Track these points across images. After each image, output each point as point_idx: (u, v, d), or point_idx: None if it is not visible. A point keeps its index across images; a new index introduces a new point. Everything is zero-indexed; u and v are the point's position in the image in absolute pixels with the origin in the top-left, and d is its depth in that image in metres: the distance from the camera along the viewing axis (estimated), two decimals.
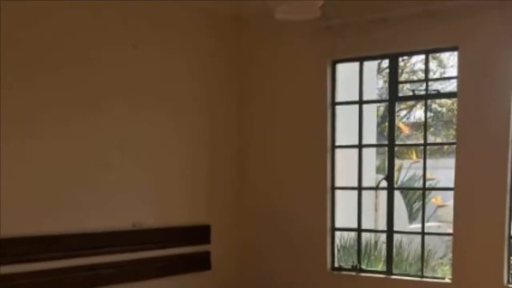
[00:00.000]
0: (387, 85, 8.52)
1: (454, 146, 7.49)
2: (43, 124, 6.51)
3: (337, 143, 8.22)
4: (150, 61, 7.63)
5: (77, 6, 6.75)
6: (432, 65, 15.80)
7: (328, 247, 8.21)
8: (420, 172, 8.61)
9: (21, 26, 6.35)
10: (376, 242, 9.72)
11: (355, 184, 8.19)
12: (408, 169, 13.00)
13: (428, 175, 8.22)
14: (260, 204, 8.72)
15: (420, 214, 9.20)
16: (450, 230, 7.62)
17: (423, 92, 8.11)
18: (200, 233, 8.28)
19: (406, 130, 14.10)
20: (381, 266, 8.78)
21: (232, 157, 8.78)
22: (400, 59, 8.55)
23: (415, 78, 15.60)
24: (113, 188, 7.24)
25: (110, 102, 7.20)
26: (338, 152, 8.26)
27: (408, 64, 16.02)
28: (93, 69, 7.02)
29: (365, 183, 8.35)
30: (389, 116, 8.05)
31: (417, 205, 13.10)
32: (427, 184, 8.38)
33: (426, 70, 8.33)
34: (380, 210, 10.16)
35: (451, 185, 7.43)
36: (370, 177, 9.63)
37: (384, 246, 8.49)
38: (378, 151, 10.94)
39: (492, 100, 7.04)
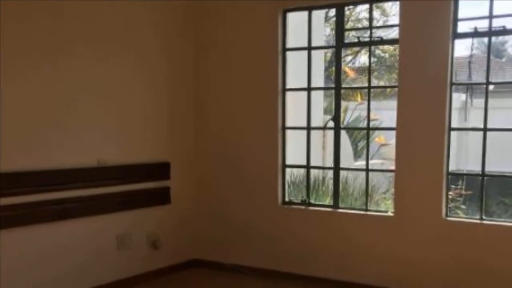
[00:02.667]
0: (334, 32, 8.58)
1: (396, 89, 7.60)
2: (16, 69, 6.50)
3: (288, 86, 8.33)
4: (114, 11, 7.63)
5: None
6: (376, 13, 15.86)
7: (279, 182, 8.37)
8: (365, 113, 8.67)
9: None
10: (323, 178, 9.87)
11: (304, 124, 8.32)
12: (353, 111, 13.04)
13: (372, 116, 8.24)
14: (217, 143, 8.81)
15: (364, 152, 9.33)
16: (393, 167, 7.80)
17: (367, 39, 8.26)
18: (161, 170, 8.38)
19: (351, 74, 14.12)
20: (328, 201, 8.94)
21: (190, 100, 8.85)
22: (346, 8, 8.59)
23: (360, 26, 15.62)
24: (79, 128, 7.28)
25: (78, 49, 7.20)
26: (289, 94, 8.37)
27: (353, 13, 15.93)
28: (62, 18, 7.01)
29: (313, 123, 8.45)
30: (336, 61, 8.14)
31: (361, 143, 13.25)
32: (371, 124, 8.41)
33: (370, 19, 8.53)
34: (327, 149, 10.33)
35: (393, 125, 7.58)
36: (318, 118, 9.69)
37: (331, 182, 8.66)
38: (326, 94, 10.98)
39: (431, 46, 7.18)
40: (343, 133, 8.96)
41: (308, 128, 8.32)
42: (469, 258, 7.06)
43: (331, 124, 8.16)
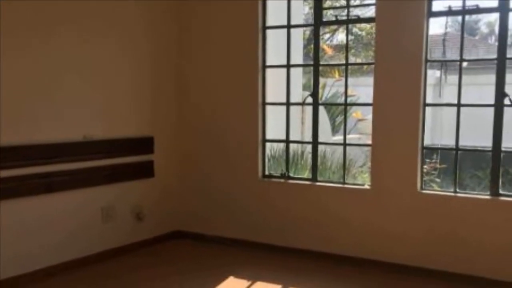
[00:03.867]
0: (312, 11, 8.64)
1: (373, 66, 7.63)
2: (5, 47, 6.48)
3: (268, 63, 8.36)
4: None
5: None
6: None
7: (259, 156, 8.43)
8: (342, 89, 8.69)
9: None
10: (302, 152, 10.00)
11: (284, 100, 8.36)
12: (331, 87, 13.11)
13: (349, 92, 8.33)
14: (199, 118, 8.86)
15: (342, 127, 9.32)
16: (369, 141, 7.85)
17: (344, 18, 8.23)
18: (145, 144, 8.43)
19: (329, 52, 14.16)
20: (307, 174, 9.00)
21: (173, 76, 8.88)
22: None
23: (337, 4, 15.61)
24: (66, 104, 7.31)
25: (65, 28, 7.22)
26: (269, 71, 8.40)
27: None
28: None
29: (292, 99, 8.55)
30: (314, 39, 8.20)
31: (339, 119, 13.30)
32: (348, 100, 8.51)
33: None
34: (306, 124, 10.42)
35: (370, 101, 7.61)
36: (297, 94, 9.80)
37: (309, 156, 8.74)
38: (304, 71, 11.03)
39: (407, 24, 7.23)
40: (321, 109, 9.01)
41: (288, 104, 8.37)
42: (443, 229, 7.14)
43: (309, 100, 8.20)
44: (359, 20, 8.84)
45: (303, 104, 8.79)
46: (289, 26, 8.25)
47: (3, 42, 6.50)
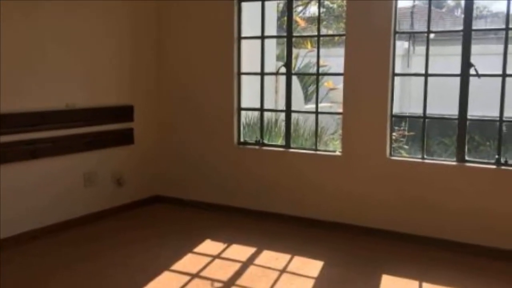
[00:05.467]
0: None
1: (344, 37, 7.66)
2: None
3: (243, 35, 8.40)
4: None
5: None
6: None
7: (235, 124, 8.50)
8: (314, 60, 8.70)
9: None
10: (276, 120, 10.01)
11: (258, 70, 8.37)
12: (304, 57, 13.14)
13: (321, 62, 8.30)
14: (177, 87, 8.91)
15: (314, 96, 9.39)
16: (340, 110, 7.90)
17: None
18: (125, 113, 8.48)
19: (302, 24, 14.13)
20: (280, 141, 9.06)
21: (152, 48, 8.91)
22: None
23: None
24: (49, 74, 7.34)
25: (47, 1, 7.23)
26: (244, 42, 8.44)
27: None
28: None
29: (266, 69, 8.51)
30: (288, 12, 8.23)
31: (311, 88, 13.34)
32: (320, 70, 8.49)
33: None
34: (279, 93, 10.42)
35: (341, 71, 7.66)
36: (271, 64, 9.78)
37: (283, 124, 8.73)
38: (278, 42, 11.00)
39: None
40: (294, 78, 9.05)
41: (262, 74, 8.38)
42: (411, 194, 7.24)
43: (283, 70, 8.22)
44: None
45: (276, 74, 8.76)
46: None
47: None
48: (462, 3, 7.39)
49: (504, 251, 6.67)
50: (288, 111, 8.24)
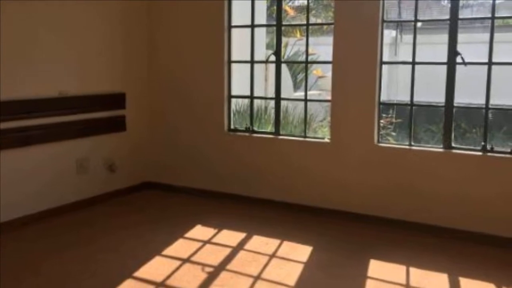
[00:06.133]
0: None
1: (332, 26, 7.64)
2: None
3: (233, 24, 8.40)
4: None
5: None
6: None
7: (225, 112, 8.49)
8: (303, 48, 8.63)
9: None
10: (266, 108, 10.03)
11: (248, 59, 8.40)
12: (293, 46, 13.12)
13: (310, 51, 8.32)
14: (168, 75, 8.90)
15: (303, 83, 9.37)
16: (329, 97, 7.90)
17: None
18: (117, 100, 8.48)
19: (291, 13, 14.05)
20: (270, 128, 9.12)
21: (144, 36, 8.90)
22: None
23: None
24: (42, 62, 7.32)
25: None
26: (234, 31, 8.44)
27: None
28: None
29: (256, 58, 8.55)
30: (277, 1, 8.22)
31: (300, 76, 13.33)
32: (309, 58, 8.49)
33: None
34: (269, 81, 10.45)
35: (330, 59, 7.65)
36: (261, 53, 9.80)
37: (272, 111, 8.72)
38: (268, 31, 11.00)
39: None
40: (283, 67, 9.05)
41: (252, 62, 8.39)
42: (399, 180, 7.26)
43: (272, 58, 8.23)
44: None
45: (266, 62, 8.80)
46: None
47: None
48: None
49: (490, 236, 6.68)
50: (278, 98, 8.24)
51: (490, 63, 6.68)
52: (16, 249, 6.41)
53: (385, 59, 7.50)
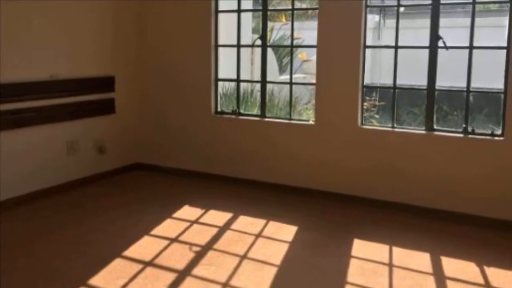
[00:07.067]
0: None
1: (317, 11, 7.62)
2: None
3: (220, 8, 8.37)
4: None
5: None
6: None
7: (212, 94, 8.48)
8: (289, 33, 8.65)
9: None
10: (252, 91, 10.03)
11: (235, 43, 8.39)
12: (278, 30, 13.04)
13: (295, 35, 8.28)
14: (157, 59, 8.87)
15: (288, 67, 9.35)
16: (314, 81, 7.89)
17: None
18: (106, 83, 8.44)
19: None
20: (256, 110, 9.11)
21: (133, 21, 8.87)
22: None
23: None
24: (34, 46, 7.29)
25: None
26: (221, 16, 8.41)
27: None
28: None
29: (243, 42, 8.52)
30: None
31: (286, 59, 13.25)
32: (295, 42, 8.45)
33: None
34: (255, 64, 10.42)
35: (315, 43, 7.66)
36: (247, 37, 9.74)
37: (258, 94, 8.77)
38: (254, 15, 11.02)
39: None
40: (269, 51, 9.00)
41: (238, 46, 8.39)
42: (382, 162, 7.26)
43: (258, 42, 8.21)
44: None
45: (252, 46, 8.73)
46: None
47: None
48: None
49: (471, 216, 6.71)
50: (264, 81, 8.22)
51: (471, 47, 6.67)
52: (8, 229, 6.38)
53: (368, 43, 7.49)
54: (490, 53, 7.20)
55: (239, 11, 8.30)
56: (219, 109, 8.58)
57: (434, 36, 6.84)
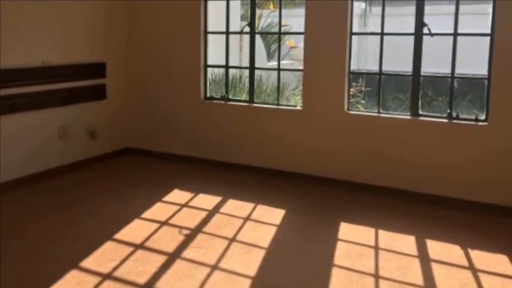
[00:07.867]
0: None
1: None
2: None
3: None
4: None
5: None
6: None
7: (201, 81, 8.46)
8: (277, 20, 8.59)
9: None
10: (240, 77, 10.01)
11: (224, 29, 8.35)
12: (266, 17, 13.02)
13: (283, 22, 8.27)
14: (147, 46, 8.84)
15: (276, 53, 9.33)
16: (301, 67, 7.86)
17: None
18: (98, 69, 8.43)
19: None
20: (244, 96, 9.09)
21: (124, 8, 8.84)
22: None
23: None
24: (26, 33, 7.27)
25: None
26: (210, 3, 8.39)
27: None
28: None
29: (232, 29, 8.52)
30: None
31: (274, 46, 13.18)
32: (282, 29, 8.44)
33: None
34: (244, 51, 10.43)
35: (302, 30, 7.64)
36: (236, 24, 9.75)
37: (247, 80, 8.65)
38: (242, 3, 10.95)
39: None
40: (257, 37, 9.01)
41: (227, 33, 8.35)
42: (368, 146, 7.26)
43: (247, 29, 8.18)
44: None
45: (241, 33, 8.72)
46: None
47: None
48: None
49: (456, 200, 6.72)
50: (252, 68, 8.21)
51: (455, 34, 6.66)
52: (2, 213, 6.36)
53: (354, 30, 7.49)
54: (474, 40, 7.21)
55: None
56: (208, 95, 8.55)
57: (419, 23, 6.83)
